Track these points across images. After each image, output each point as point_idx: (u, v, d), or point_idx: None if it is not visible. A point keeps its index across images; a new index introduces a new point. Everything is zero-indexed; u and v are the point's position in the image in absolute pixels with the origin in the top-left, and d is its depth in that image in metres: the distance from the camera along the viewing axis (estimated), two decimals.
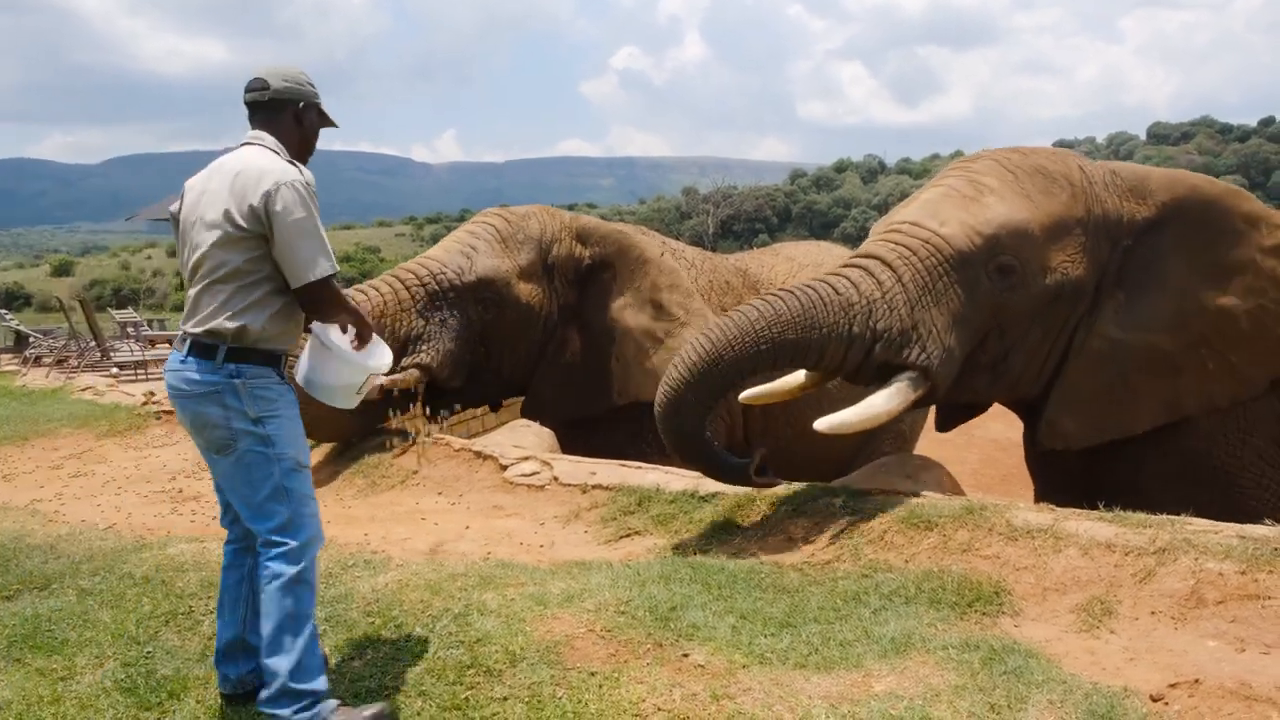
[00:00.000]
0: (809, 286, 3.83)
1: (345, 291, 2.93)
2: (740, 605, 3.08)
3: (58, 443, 7.10)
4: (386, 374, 3.13)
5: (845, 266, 3.95)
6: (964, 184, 4.06)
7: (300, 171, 2.49)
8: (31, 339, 14.64)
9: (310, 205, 2.43)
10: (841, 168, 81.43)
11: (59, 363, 12.73)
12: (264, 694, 2.40)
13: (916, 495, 3.84)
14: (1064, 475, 4.60)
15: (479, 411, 6.99)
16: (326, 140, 2.80)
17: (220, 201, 2.42)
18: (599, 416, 5.74)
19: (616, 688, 2.57)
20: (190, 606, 3.30)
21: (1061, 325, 4.11)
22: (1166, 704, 2.38)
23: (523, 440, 5.48)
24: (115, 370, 11.61)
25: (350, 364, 2.64)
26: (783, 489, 4.07)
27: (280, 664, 2.37)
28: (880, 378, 3.83)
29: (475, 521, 4.52)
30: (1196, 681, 2.46)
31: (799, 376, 4.12)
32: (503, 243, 5.63)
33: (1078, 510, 3.50)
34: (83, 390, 9.28)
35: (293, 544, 2.44)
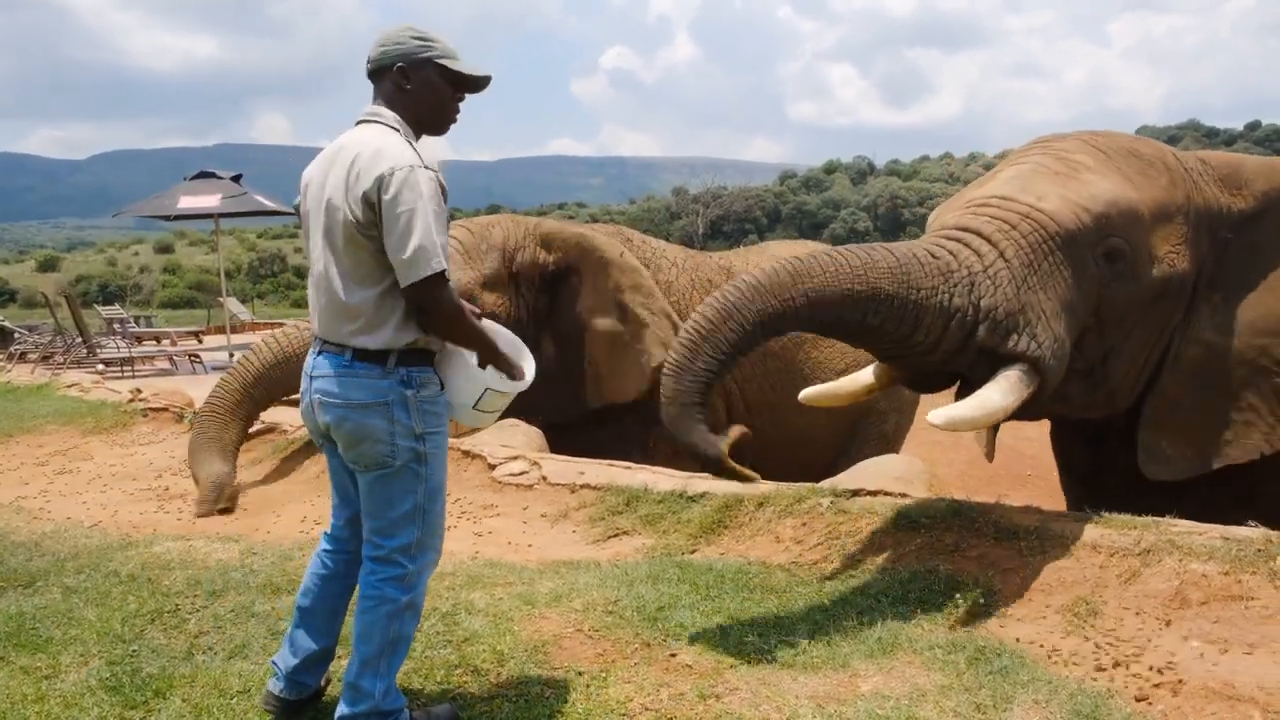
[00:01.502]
0: (896, 247, 3.21)
1: None
2: (728, 605, 3.09)
3: (43, 439, 7.04)
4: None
5: (932, 238, 3.34)
6: (1053, 160, 3.58)
7: (415, 153, 2.24)
8: (16, 334, 14.53)
9: (419, 190, 2.16)
10: (831, 169, 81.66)
11: (44, 359, 12.65)
12: (348, 710, 2.30)
13: (904, 496, 3.84)
14: (1095, 493, 4.01)
15: None
16: (314, 139, 2.59)
17: (341, 194, 2.22)
18: (581, 418, 5.74)
19: (604, 687, 2.58)
20: (176, 604, 3.29)
21: (1161, 328, 3.61)
22: (1150, 704, 2.40)
23: (511, 439, 5.47)
24: (101, 367, 11.56)
25: (471, 378, 2.35)
26: (769, 487, 4.08)
27: (375, 687, 2.29)
28: (975, 371, 3.24)
29: (463, 521, 4.51)
30: (1180, 681, 2.48)
31: (866, 376, 3.66)
32: (466, 254, 5.62)
33: (1063, 512, 3.51)
34: (68, 387, 9.20)
35: (409, 569, 2.31)
